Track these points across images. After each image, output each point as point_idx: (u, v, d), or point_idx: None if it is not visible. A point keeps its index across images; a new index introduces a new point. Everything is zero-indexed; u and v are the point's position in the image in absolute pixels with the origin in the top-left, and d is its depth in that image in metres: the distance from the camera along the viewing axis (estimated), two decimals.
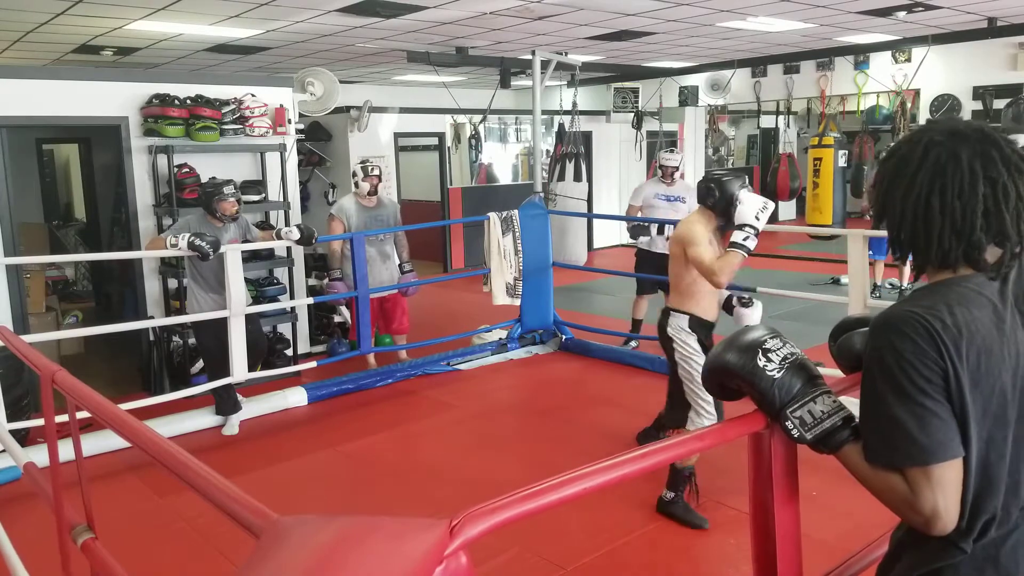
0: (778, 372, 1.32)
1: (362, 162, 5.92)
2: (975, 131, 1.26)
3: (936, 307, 1.20)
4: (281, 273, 6.13)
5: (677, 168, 6.30)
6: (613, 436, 4.62)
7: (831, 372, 1.58)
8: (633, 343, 6.44)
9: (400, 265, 6.05)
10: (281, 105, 6.05)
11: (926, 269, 1.31)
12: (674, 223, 5.95)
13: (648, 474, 1.26)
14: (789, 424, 1.31)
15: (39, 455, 2.88)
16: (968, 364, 1.17)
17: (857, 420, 1.29)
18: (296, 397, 5.36)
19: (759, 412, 1.37)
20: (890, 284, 8.26)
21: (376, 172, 5.83)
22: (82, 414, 1.90)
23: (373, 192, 5.84)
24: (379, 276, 5.86)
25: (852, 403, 1.37)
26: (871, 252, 7.63)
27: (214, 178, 5.19)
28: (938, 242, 1.25)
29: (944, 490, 1.16)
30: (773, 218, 16.91)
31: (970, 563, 1.23)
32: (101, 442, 4.20)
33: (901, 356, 1.18)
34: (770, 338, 1.37)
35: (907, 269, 7.69)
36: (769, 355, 1.34)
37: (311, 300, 6.14)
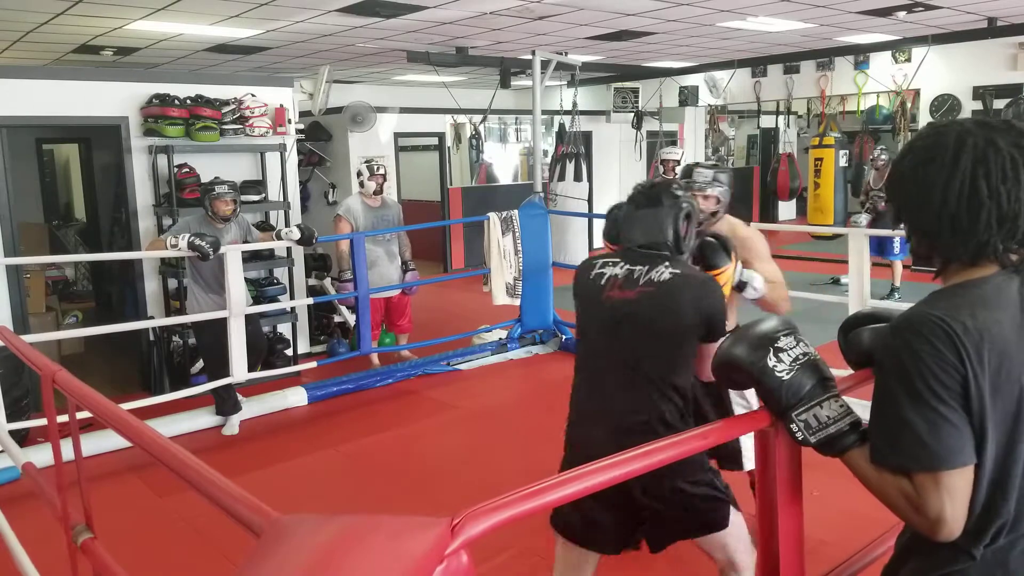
0: (787, 374, 1.29)
1: (367, 161, 5.96)
2: (1005, 123, 1.24)
3: (958, 309, 1.17)
4: (281, 273, 6.13)
5: (679, 162, 6.32)
6: None
7: (838, 372, 1.57)
8: None
9: (404, 264, 6.08)
10: (281, 105, 6.05)
11: (949, 268, 1.27)
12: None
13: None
14: (794, 427, 1.30)
15: (38, 455, 2.88)
16: (989, 369, 1.15)
17: (864, 425, 1.27)
18: (296, 397, 5.36)
19: (765, 409, 1.36)
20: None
21: (381, 171, 5.88)
22: (82, 414, 1.90)
23: (379, 191, 5.88)
24: (388, 275, 5.91)
25: (855, 403, 1.36)
26: (899, 252, 7.61)
27: (217, 178, 5.19)
28: (985, 228, 1.21)
29: (952, 496, 1.14)
30: (773, 218, 16.82)
31: (980, 568, 1.21)
32: (101, 442, 4.20)
33: (919, 359, 1.15)
34: (783, 335, 1.33)
35: (898, 268, 7.67)
36: (780, 355, 1.31)
37: (311, 300, 6.15)
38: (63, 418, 2.02)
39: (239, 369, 4.78)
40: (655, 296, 2.09)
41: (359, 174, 5.91)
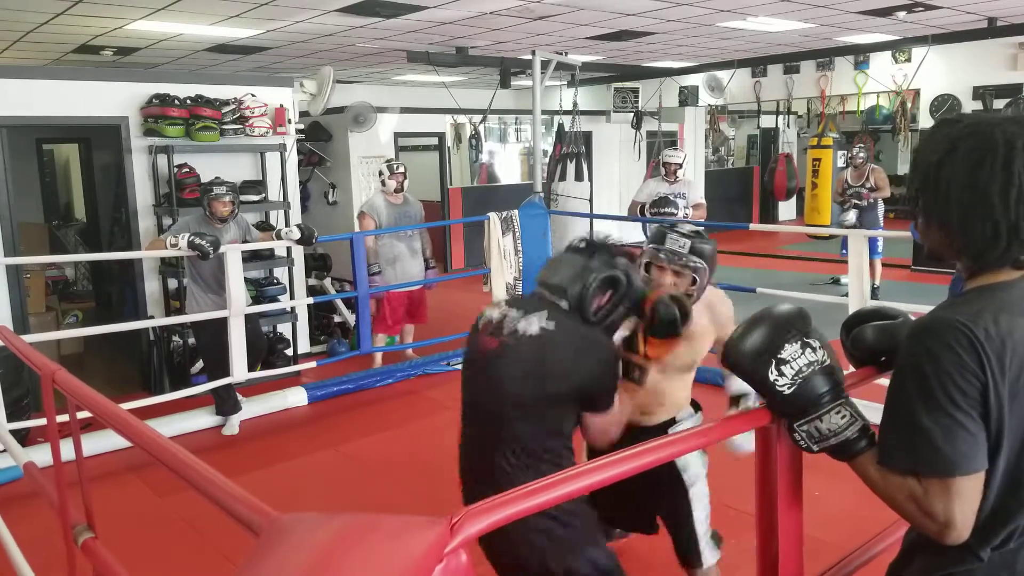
0: (788, 388, 1.26)
1: (387, 161, 6.12)
2: None
3: (980, 315, 1.15)
4: (281, 273, 6.13)
5: (680, 166, 6.33)
6: None
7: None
8: None
9: (426, 261, 6.16)
10: (281, 105, 6.05)
11: (978, 270, 1.24)
12: (670, 221, 6.00)
13: None
14: (796, 436, 1.29)
15: (39, 455, 2.88)
16: (1009, 376, 1.13)
17: (872, 431, 1.26)
18: (296, 397, 5.36)
19: (763, 408, 1.35)
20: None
21: (401, 170, 6.01)
22: (82, 414, 1.90)
23: (400, 189, 5.98)
24: (409, 271, 6.01)
25: (859, 404, 1.34)
26: (879, 251, 7.71)
27: (216, 179, 5.20)
28: None
29: (962, 502, 1.13)
30: (774, 218, 16.91)
31: (987, 570, 1.20)
32: (101, 442, 4.20)
33: (939, 366, 1.13)
34: (789, 342, 1.28)
35: (878, 267, 7.69)
36: (783, 367, 1.26)
37: (311, 300, 6.15)
38: (63, 418, 2.02)
39: (239, 369, 4.78)
40: (515, 352, 1.77)
41: (380, 173, 6.04)
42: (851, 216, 7.75)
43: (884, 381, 1.50)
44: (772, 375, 1.27)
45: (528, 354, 1.76)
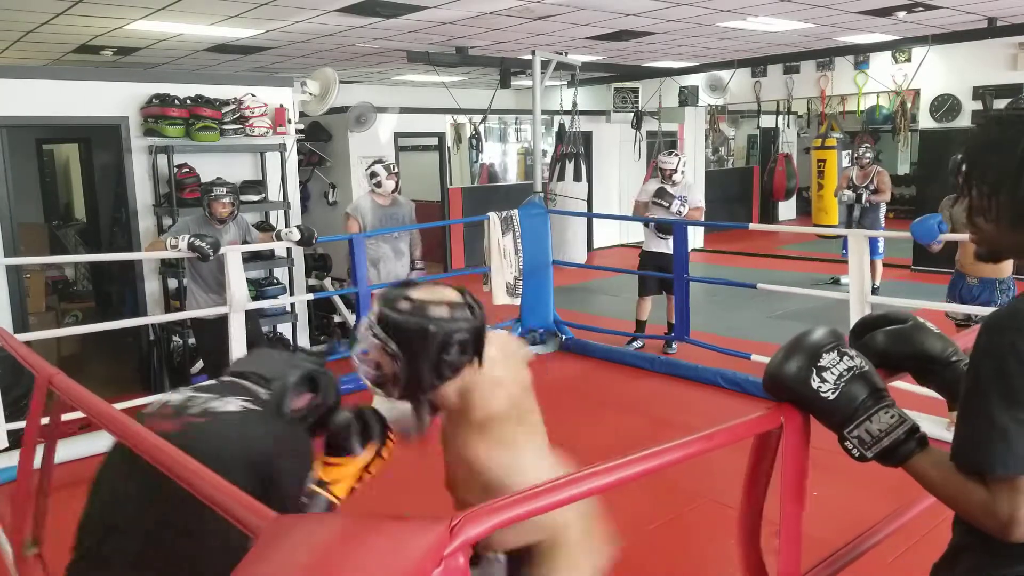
0: (833, 393, 1.27)
1: (383, 162, 5.96)
2: None
3: None
4: (281, 273, 6.13)
5: (675, 170, 6.30)
6: (613, 436, 4.61)
7: None
8: (637, 343, 6.43)
9: (412, 263, 6.09)
10: (281, 105, 6.05)
11: None
12: (671, 221, 6.01)
13: (649, 476, 1.24)
14: (848, 444, 1.27)
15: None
16: None
17: (921, 431, 1.25)
18: None
19: (769, 412, 1.36)
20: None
21: (395, 170, 5.92)
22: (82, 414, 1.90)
23: (389, 190, 5.89)
24: (394, 272, 5.94)
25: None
26: (881, 252, 7.80)
27: (217, 179, 5.20)
28: None
29: None
30: (774, 218, 16.90)
31: None
32: (101, 442, 4.19)
33: (1022, 360, 1.11)
34: (826, 352, 1.30)
35: (879, 267, 7.70)
36: (824, 374, 1.28)
37: (310, 296, 6.13)
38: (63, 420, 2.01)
39: None
40: (206, 429, 1.45)
41: (374, 175, 5.81)
42: (846, 195, 7.91)
43: (895, 384, 1.49)
44: (815, 382, 1.28)
45: (222, 431, 1.47)
